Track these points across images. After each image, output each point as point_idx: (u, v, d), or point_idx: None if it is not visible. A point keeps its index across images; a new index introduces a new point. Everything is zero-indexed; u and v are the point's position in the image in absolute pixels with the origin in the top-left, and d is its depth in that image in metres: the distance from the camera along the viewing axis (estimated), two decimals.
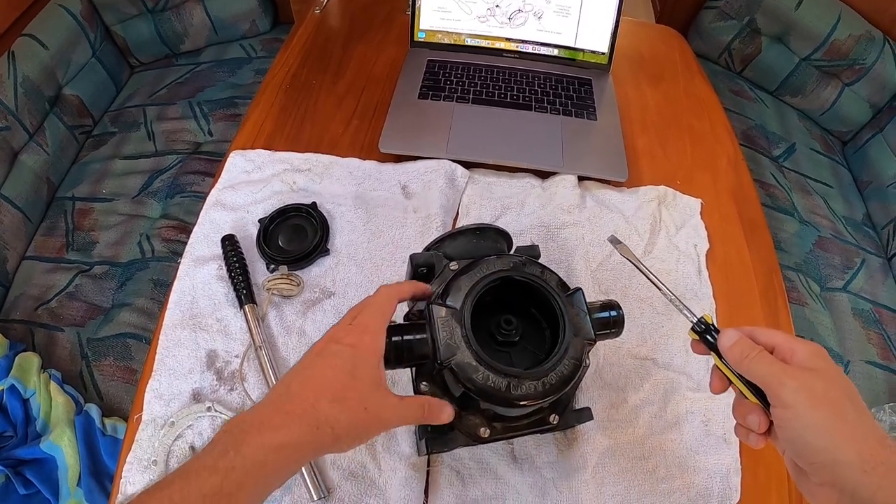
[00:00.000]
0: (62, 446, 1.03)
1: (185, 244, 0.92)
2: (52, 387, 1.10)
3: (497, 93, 1.13)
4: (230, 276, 0.86)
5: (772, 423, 0.51)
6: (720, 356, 0.54)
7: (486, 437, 0.65)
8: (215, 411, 0.75)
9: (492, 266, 0.66)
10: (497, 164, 1.04)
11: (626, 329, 0.70)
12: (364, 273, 0.89)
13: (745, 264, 0.99)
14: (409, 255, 0.71)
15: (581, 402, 0.79)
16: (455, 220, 0.98)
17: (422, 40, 1.21)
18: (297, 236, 0.91)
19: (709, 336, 0.56)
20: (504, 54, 1.21)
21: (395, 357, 0.61)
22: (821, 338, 1.36)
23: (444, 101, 1.11)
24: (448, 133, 1.05)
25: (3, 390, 1.06)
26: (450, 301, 0.62)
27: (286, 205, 0.93)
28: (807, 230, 1.56)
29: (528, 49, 1.20)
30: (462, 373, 0.59)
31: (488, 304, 0.64)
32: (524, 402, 0.60)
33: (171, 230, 1.38)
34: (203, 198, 0.98)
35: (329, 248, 0.91)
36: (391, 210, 0.96)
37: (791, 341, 0.50)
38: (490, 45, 1.20)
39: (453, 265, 0.68)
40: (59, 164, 1.50)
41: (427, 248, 0.74)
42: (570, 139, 1.07)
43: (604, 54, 1.20)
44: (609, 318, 0.68)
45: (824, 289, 1.47)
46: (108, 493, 0.77)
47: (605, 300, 0.70)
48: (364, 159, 1.03)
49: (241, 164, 1.02)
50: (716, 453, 0.78)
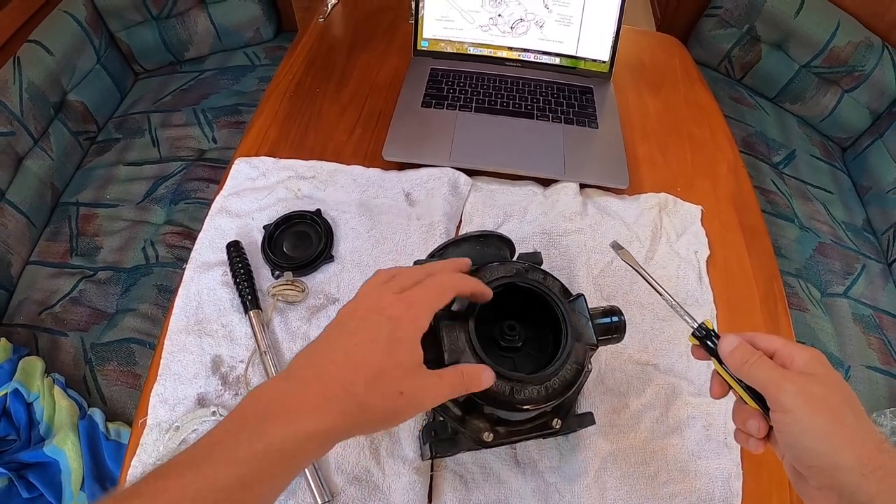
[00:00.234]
0: (65, 450, 1.03)
1: (189, 250, 0.92)
2: (56, 391, 1.10)
3: (499, 101, 1.14)
4: (235, 282, 0.86)
5: (771, 428, 0.51)
6: (720, 361, 0.55)
7: (490, 441, 0.65)
8: (220, 416, 0.75)
9: (495, 272, 0.66)
10: (499, 171, 1.04)
11: (628, 335, 0.70)
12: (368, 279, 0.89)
13: (746, 270, 1.00)
14: (414, 262, 0.71)
15: (583, 407, 0.79)
16: (458, 228, 0.99)
17: (425, 49, 1.22)
18: (301, 243, 0.92)
19: (709, 341, 0.57)
20: (506, 63, 1.22)
21: None
22: (821, 343, 1.37)
23: (446, 109, 1.12)
24: (451, 141, 1.06)
25: (6, 394, 1.06)
26: (454, 307, 0.63)
27: (291, 212, 0.94)
28: (807, 236, 1.57)
29: (530, 58, 1.21)
30: None
31: (492, 310, 0.65)
32: (527, 407, 0.60)
33: (175, 236, 1.39)
34: (207, 204, 0.98)
35: (333, 254, 0.92)
36: (395, 217, 0.97)
37: (790, 347, 0.51)
38: (492, 54, 1.21)
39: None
40: (63, 170, 1.51)
41: (431, 255, 0.75)
42: (572, 147, 1.08)
43: (605, 63, 1.21)
44: (611, 324, 0.69)
45: (825, 294, 1.47)
46: None
47: (607, 306, 0.71)
48: (368, 167, 1.04)
49: (245, 171, 1.02)
50: (717, 458, 0.78)
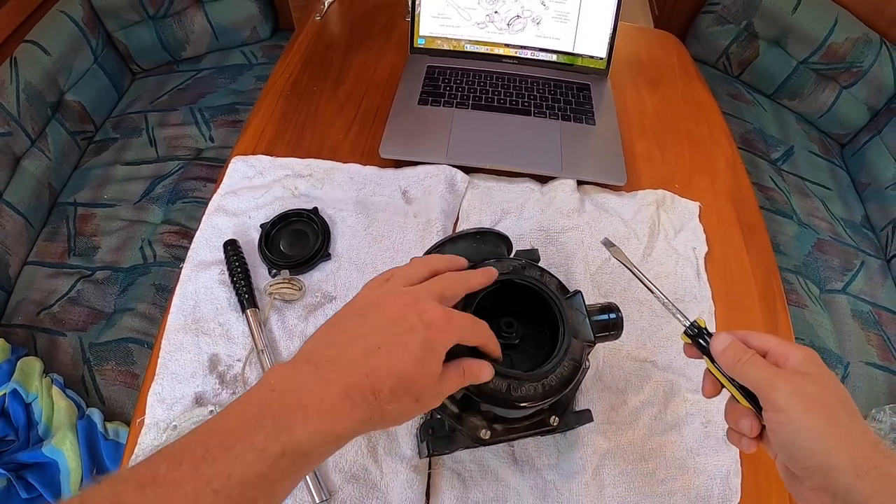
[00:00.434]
0: (64, 450, 1.03)
1: (187, 249, 0.92)
2: (54, 391, 1.10)
3: (496, 98, 1.14)
4: (232, 281, 0.86)
5: (764, 427, 0.51)
6: (712, 360, 0.54)
7: (487, 438, 0.65)
8: None
9: None
10: (497, 168, 1.04)
11: (626, 331, 0.70)
12: (365, 277, 0.89)
13: (744, 267, 1.00)
14: (411, 259, 0.71)
15: (581, 405, 0.79)
16: (455, 225, 0.99)
17: (421, 46, 1.21)
18: (298, 241, 0.92)
19: (701, 340, 0.56)
20: (503, 60, 1.21)
21: None
22: (820, 340, 1.37)
23: (443, 106, 1.11)
24: (448, 138, 1.06)
25: (5, 395, 1.06)
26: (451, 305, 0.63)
27: (288, 210, 0.94)
28: (806, 233, 1.57)
29: (527, 55, 1.21)
30: None
31: (489, 308, 0.65)
32: (524, 404, 0.60)
33: (172, 235, 1.39)
34: (204, 203, 0.98)
35: (330, 252, 0.92)
36: (392, 215, 0.97)
37: (784, 346, 0.51)
38: (489, 51, 1.21)
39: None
40: (60, 170, 1.50)
41: (427, 253, 0.74)
42: (569, 144, 1.08)
43: (602, 59, 1.21)
44: (608, 321, 0.69)
45: (823, 291, 1.47)
46: None
47: (605, 303, 0.70)
48: (365, 165, 1.04)
49: (242, 170, 1.02)
50: (716, 455, 0.78)
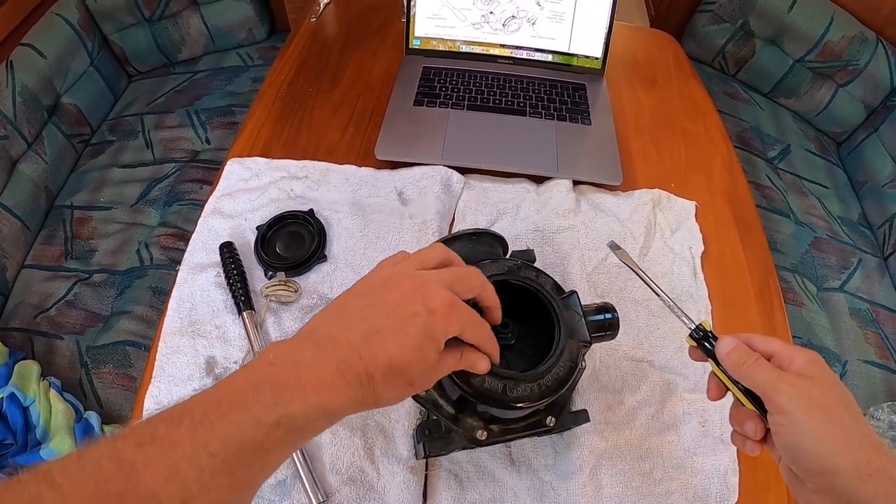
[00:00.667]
0: (62, 453, 1.03)
1: (184, 252, 0.92)
2: (52, 394, 1.10)
3: (492, 99, 1.14)
4: (228, 283, 0.86)
5: (768, 430, 0.51)
6: (717, 363, 0.54)
7: (484, 439, 0.65)
8: None
9: (488, 270, 0.66)
10: (492, 169, 1.04)
11: (623, 331, 0.70)
12: None
13: (741, 266, 1.00)
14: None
15: (578, 405, 0.79)
16: (451, 226, 0.99)
17: (417, 47, 1.21)
18: (294, 243, 0.92)
19: (706, 343, 0.56)
20: (498, 60, 1.21)
21: None
22: (818, 338, 1.37)
23: (439, 107, 1.11)
24: (443, 139, 1.06)
25: (2, 398, 1.06)
26: None
27: (283, 212, 0.93)
28: (803, 231, 1.57)
29: (523, 55, 1.21)
30: (458, 376, 0.59)
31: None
32: (520, 405, 0.60)
33: (169, 238, 1.39)
34: (201, 205, 0.98)
35: (326, 254, 0.92)
36: (388, 216, 0.97)
37: (788, 349, 0.51)
38: (485, 52, 1.21)
39: None
40: (57, 173, 1.50)
41: None
42: (565, 144, 1.08)
43: (597, 59, 1.21)
44: (604, 321, 0.69)
45: (821, 289, 1.48)
46: None
47: (601, 303, 0.70)
48: (360, 166, 1.04)
49: (238, 172, 1.02)
50: (713, 454, 0.78)
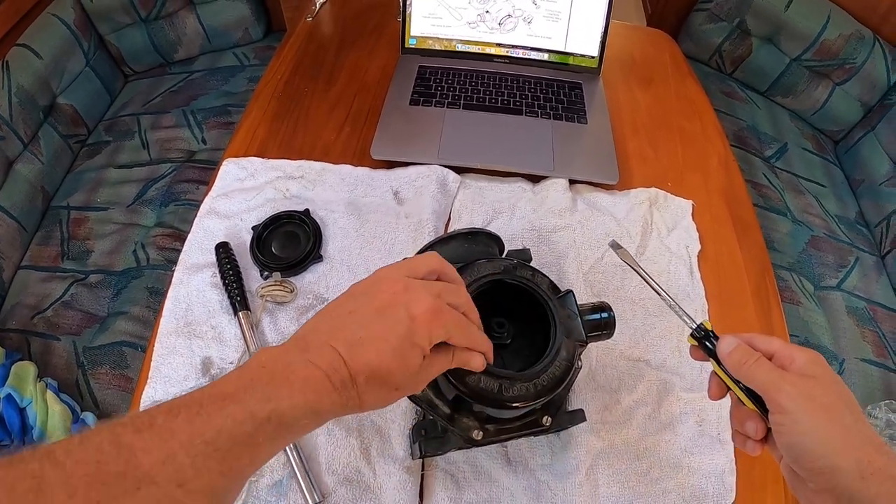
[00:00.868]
0: None
1: (180, 252, 0.92)
2: (49, 396, 1.09)
3: (488, 98, 1.14)
4: (224, 284, 0.86)
5: (769, 430, 0.51)
6: (719, 362, 0.54)
7: (480, 439, 0.65)
8: None
9: (483, 269, 0.66)
10: (488, 168, 1.04)
11: (619, 331, 0.70)
12: (357, 279, 0.86)
13: (737, 264, 1.00)
14: (403, 259, 0.71)
15: (574, 404, 0.79)
16: (447, 226, 0.98)
17: (413, 47, 1.21)
18: (290, 243, 0.92)
19: (707, 342, 0.56)
20: (495, 59, 1.21)
21: None
22: (815, 336, 1.37)
23: (435, 106, 1.11)
24: (439, 139, 1.06)
25: None
26: None
27: (279, 212, 0.93)
28: (800, 230, 1.57)
29: (519, 54, 1.21)
30: (454, 375, 0.59)
31: (480, 308, 0.64)
32: (516, 404, 0.60)
33: (165, 238, 1.38)
34: (197, 206, 0.98)
35: (322, 254, 0.92)
36: (383, 216, 0.96)
37: (790, 348, 0.51)
38: (481, 51, 1.21)
39: None
40: (53, 174, 1.50)
41: (419, 253, 0.74)
42: (561, 143, 1.07)
43: (594, 58, 1.21)
44: (600, 320, 0.69)
45: (818, 288, 1.47)
46: None
47: (597, 302, 0.70)
48: (356, 166, 1.04)
49: (234, 172, 1.02)
50: (710, 453, 0.78)
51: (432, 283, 0.53)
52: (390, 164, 1.04)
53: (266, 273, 0.88)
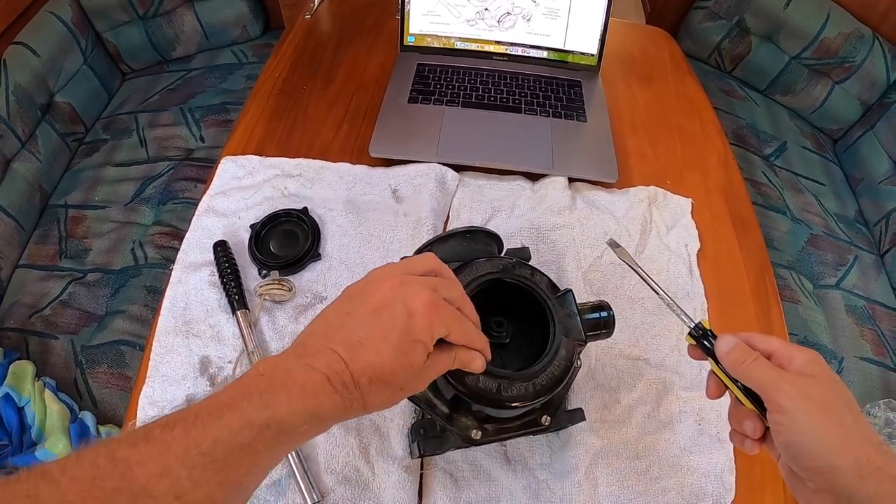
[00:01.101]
0: (57, 454, 1.02)
1: (178, 251, 0.92)
2: (47, 395, 1.09)
3: (487, 96, 1.14)
4: (222, 282, 0.86)
5: (767, 429, 0.51)
6: (717, 361, 0.54)
7: (478, 439, 0.65)
8: None
9: (482, 268, 0.66)
10: (487, 166, 1.04)
11: (618, 329, 0.70)
12: (355, 277, 0.87)
13: (737, 263, 1.00)
14: (401, 259, 0.71)
15: (573, 403, 0.79)
16: (446, 224, 0.98)
17: (411, 44, 1.21)
18: (288, 241, 0.91)
19: (706, 341, 0.56)
20: (493, 57, 1.21)
21: None
22: (814, 335, 1.37)
23: (433, 104, 1.11)
24: (438, 136, 1.06)
25: None
26: None
27: (277, 210, 0.93)
28: (799, 228, 1.57)
29: (518, 52, 1.20)
30: (453, 375, 0.59)
31: (479, 307, 0.64)
32: (515, 404, 0.60)
33: (163, 237, 1.38)
34: (195, 204, 0.98)
35: (320, 252, 0.91)
36: (382, 214, 0.96)
37: (788, 348, 0.50)
38: (479, 48, 1.20)
39: None
40: (51, 172, 1.49)
41: (417, 252, 0.74)
42: (560, 141, 1.07)
43: (593, 56, 1.20)
44: (599, 319, 0.69)
45: (817, 286, 1.47)
46: None
47: (596, 301, 0.70)
48: (355, 164, 1.03)
49: (232, 170, 1.02)
50: (710, 452, 0.78)
51: (428, 278, 0.52)
52: (389, 163, 1.03)
53: (264, 272, 0.88)
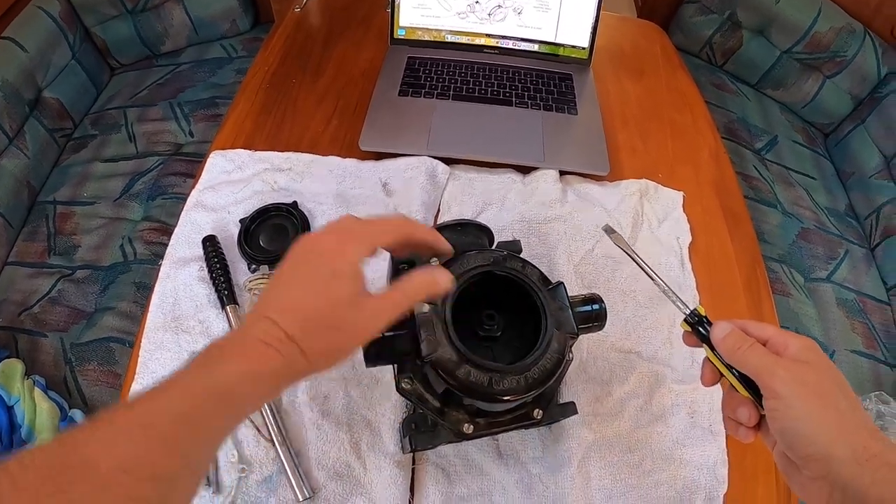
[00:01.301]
0: None
1: (167, 246, 0.91)
2: (37, 393, 1.08)
3: (477, 89, 1.13)
4: (212, 278, 0.85)
5: (762, 417, 0.51)
6: (712, 348, 0.54)
7: (470, 433, 0.65)
8: None
9: (473, 261, 0.65)
10: (478, 159, 1.03)
11: (610, 322, 0.70)
12: None
13: (728, 256, 1.00)
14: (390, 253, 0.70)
15: (565, 397, 0.79)
16: (436, 217, 0.98)
17: (402, 38, 1.20)
18: (278, 236, 0.90)
19: (701, 328, 0.56)
20: (484, 50, 1.20)
21: (377, 353, 0.60)
22: (805, 328, 1.37)
23: (424, 97, 1.10)
24: (429, 130, 1.05)
25: None
26: (426, 308, 0.62)
27: (267, 204, 0.92)
28: (790, 222, 1.57)
29: (509, 45, 1.20)
30: (444, 369, 0.59)
31: (470, 300, 0.64)
32: (507, 397, 0.60)
33: (152, 232, 1.37)
34: (184, 199, 0.97)
35: None
36: (372, 208, 0.95)
37: (784, 335, 0.50)
38: (470, 42, 1.20)
39: (434, 261, 0.68)
40: (39, 168, 1.48)
41: None
42: (551, 134, 1.07)
43: (584, 49, 1.20)
44: (591, 312, 0.68)
45: (808, 279, 1.48)
46: None
47: (588, 294, 0.70)
48: (344, 157, 1.03)
49: (221, 165, 1.01)
50: (702, 445, 0.78)
51: (340, 221, 0.53)
52: (379, 156, 1.03)
53: (254, 266, 0.87)
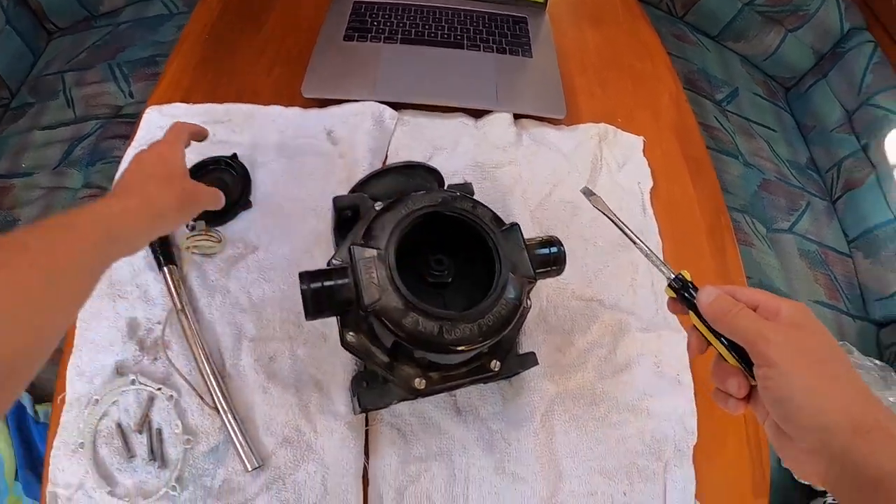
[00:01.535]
0: None
1: None
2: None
3: (427, 31, 1.08)
4: None
5: (752, 387, 0.47)
6: (699, 315, 0.50)
7: (423, 388, 0.61)
8: (139, 384, 0.70)
9: (418, 202, 0.61)
10: (428, 103, 0.99)
11: (570, 269, 0.67)
12: (290, 223, 0.84)
13: (691, 202, 0.98)
14: (333, 198, 0.66)
15: (525, 348, 0.76)
16: (384, 163, 0.93)
17: None
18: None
19: (686, 293, 0.52)
20: None
21: (316, 304, 0.56)
22: (769, 278, 1.37)
23: (371, 41, 1.05)
24: (376, 74, 1.00)
25: None
26: (373, 242, 0.57)
27: (205, 158, 0.86)
28: (751, 172, 1.56)
29: None
30: (389, 318, 0.55)
31: (418, 244, 0.60)
32: (460, 348, 0.56)
33: (93, 199, 1.30)
34: None
35: (251, 200, 0.85)
36: (316, 157, 0.91)
37: (776, 299, 0.47)
38: None
39: (378, 205, 0.63)
40: None
41: (352, 190, 0.69)
42: (505, 76, 1.03)
43: None
44: (549, 255, 0.65)
45: (770, 230, 1.47)
46: None
47: (545, 236, 0.66)
48: (287, 107, 0.97)
49: (157, 121, 0.95)
50: (670, 395, 0.76)
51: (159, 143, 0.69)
52: (323, 103, 0.98)
53: (191, 223, 0.81)
